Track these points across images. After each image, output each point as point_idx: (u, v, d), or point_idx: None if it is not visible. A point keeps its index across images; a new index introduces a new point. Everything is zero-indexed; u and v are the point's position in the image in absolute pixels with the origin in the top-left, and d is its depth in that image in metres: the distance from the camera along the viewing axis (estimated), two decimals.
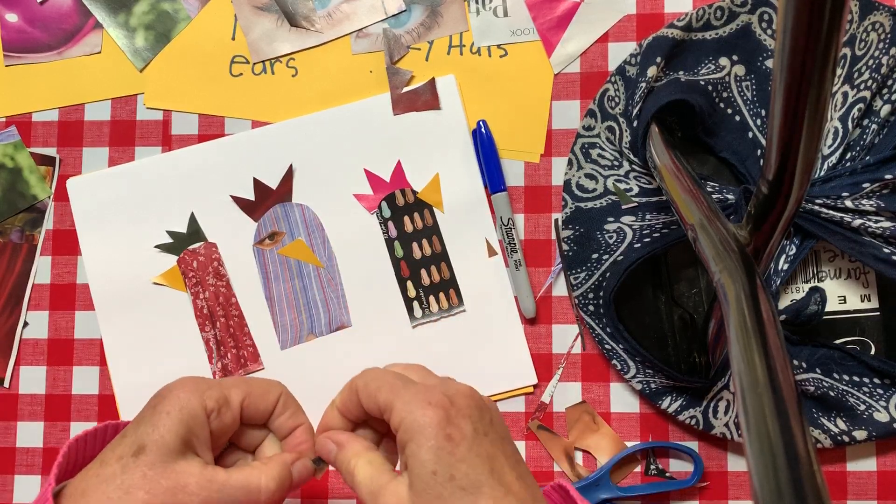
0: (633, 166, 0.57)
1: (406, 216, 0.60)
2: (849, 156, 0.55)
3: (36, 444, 0.61)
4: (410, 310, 0.60)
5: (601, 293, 0.56)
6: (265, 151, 0.61)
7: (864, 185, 0.52)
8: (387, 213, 0.60)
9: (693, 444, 0.57)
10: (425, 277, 0.60)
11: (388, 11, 0.61)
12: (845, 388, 0.54)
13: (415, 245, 0.60)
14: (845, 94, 0.55)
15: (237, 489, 0.42)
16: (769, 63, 0.57)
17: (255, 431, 0.46)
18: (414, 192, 0.60)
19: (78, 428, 0.61)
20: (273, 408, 0.46)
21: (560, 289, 0.59)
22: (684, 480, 0.56)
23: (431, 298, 0.60)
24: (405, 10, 0.61)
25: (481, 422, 0.41)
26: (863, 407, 0.54)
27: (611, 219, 0.57)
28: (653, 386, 0.56)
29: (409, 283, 0.60)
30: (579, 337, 0.59)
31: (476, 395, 0.42)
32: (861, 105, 0.54)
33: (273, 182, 0.61)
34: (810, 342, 0.55)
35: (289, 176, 0.61)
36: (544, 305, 0.59)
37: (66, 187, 0.62)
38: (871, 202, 0.52)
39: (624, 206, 0.57)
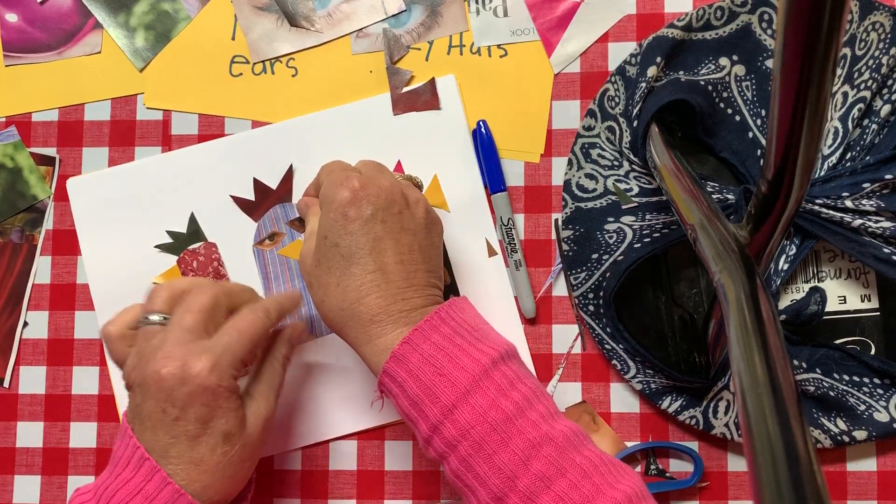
0: (633, 166, 0.57)
1: None
2: (849, 156, 0.55)
3: (36, 444, 0.61)
4: None
5: (601, 293, 0.56)
6: (265, 151, 0.61)
7: (864, 185, 0.52)
8: None
9: (693, 444, 0.57)
10: None
11: (388, 11, 0.61)
12: (845, 388, 0.54)
13: None
14: (845, 94, 0.55)
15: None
16: (769, 63, 0.57)
17: None
18: None
19: (78, 428, 0.61)
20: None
21: (560, 289, 0.59)
22: (684, 480, 0.56)
23: None
24: (405, 10, 0.61)
25: (385, 211, 0.49)
26: (863, 407, 0.54)
27: (611, 219, 0.57)
28: (653, 386, 0.56)
29: None
30: (579, 337, 0.59)
31: (394, 191, 0.50)
32: (861, 105, 0.54)
33: (273, 182, 0.61)
34: (810, 342, 0.55)
35: (289, 176, 0.61)
36: (544, 305, 0.59)
37: (66, 187, 0.62)
38: (871, 202, 0.52)
39: (624, 206, 0.57)
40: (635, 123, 0.55)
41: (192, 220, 0.61)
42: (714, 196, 0.55)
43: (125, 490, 0.46)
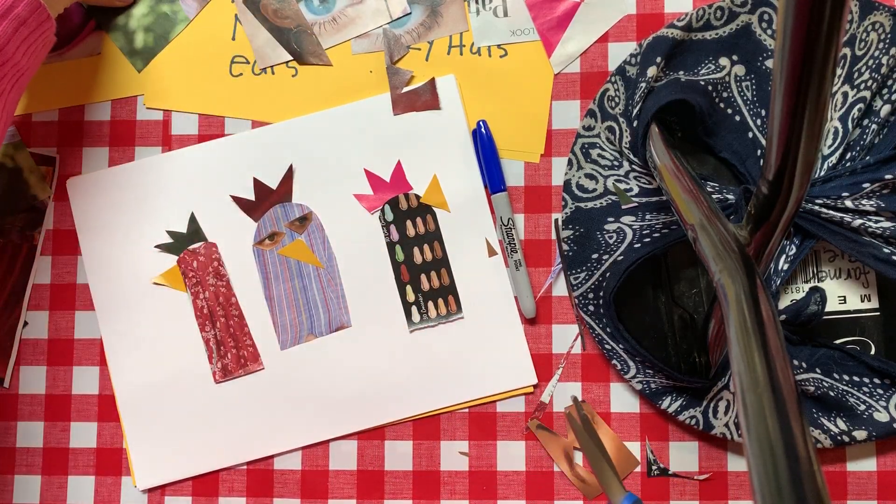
0: (633, 166, 0.57)
1: (408, 220, 0.60)
2: (849, 156, 0.55)
3: (36, 444, 0.61)
4: (409, 314, 0.60)
5: (601, 293, 0.56)
6: (265, 151, 0.61)
7: (864, 185, 0.52)
8: (389, 216, 0.60)
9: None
10: (425, 283, 0.60)
11: (393, 15, 0.61)
12: (845, 388, 0.54)
13: (416, 250, 0.60)
14: (845, 94, 0.55)
15: None
16: (769, 63, 0.57)
17: None
18: (417, 197, 0.60)
19: (78, 428, 0.61)
20: None
21: (560, 289, 0.59)
22: None
23: (430, 304, 0.60)
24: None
25: None
26: (863, 407, 0.54)
27: (611, 219, 0.57)
28: (653, 386, 0.56)
29: (409, 288, 0.60)
30: (579, 337, 0.59)
31: None
32: (861, 105, 0.54)
33: (273, 182, 0.61)
34: (810, 342, 0.55)
35: (289, 176, 0.61)
36: (544, 305, 0.59)
37: (66, 187, 0.62)
38: (871, 202, 0.52)
39: (624, 206, 0.57)
40: (635, 123, 0.55)
41: (192, 220, 0.61)
42: (714, 196, 0.55)
43: None
